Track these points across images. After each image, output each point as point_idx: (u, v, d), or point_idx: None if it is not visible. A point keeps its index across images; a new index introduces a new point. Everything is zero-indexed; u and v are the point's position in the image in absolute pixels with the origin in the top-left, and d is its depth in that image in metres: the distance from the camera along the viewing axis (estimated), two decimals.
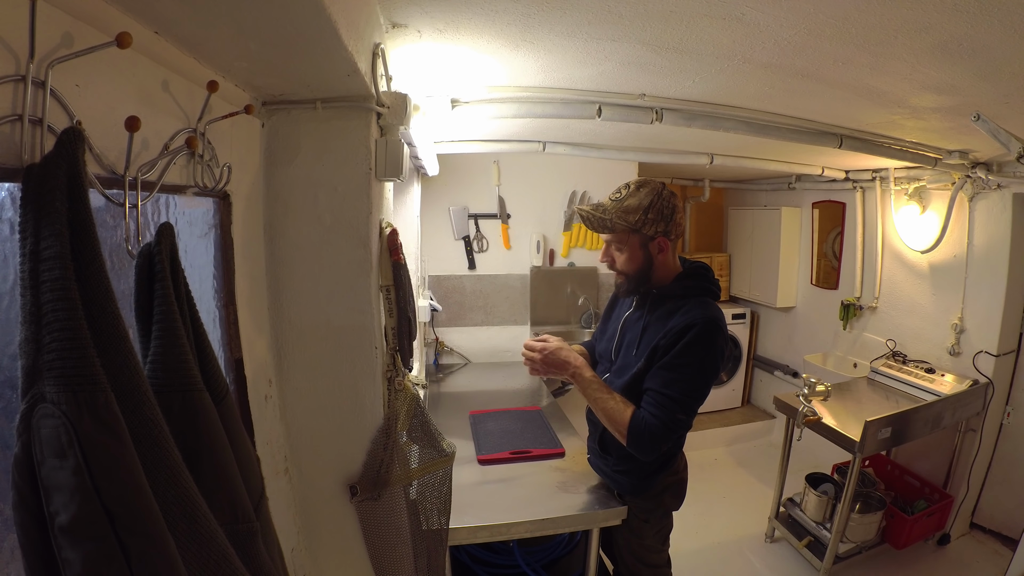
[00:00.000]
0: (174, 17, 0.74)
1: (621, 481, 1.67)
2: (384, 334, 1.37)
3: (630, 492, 1.66)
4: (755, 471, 3.67)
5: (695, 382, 1.42)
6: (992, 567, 2.63)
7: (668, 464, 1.60)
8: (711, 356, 1.42)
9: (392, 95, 1.31)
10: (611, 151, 2.93)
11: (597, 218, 1.51)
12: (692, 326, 1.40)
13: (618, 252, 1.54)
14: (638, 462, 1.58)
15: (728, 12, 1.11)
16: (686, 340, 1.39)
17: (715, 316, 1.44)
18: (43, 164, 0.52)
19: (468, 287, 3.35)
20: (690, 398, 1.41)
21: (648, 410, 1.41)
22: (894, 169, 3.09)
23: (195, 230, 1.03)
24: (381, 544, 1.38)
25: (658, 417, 1.39)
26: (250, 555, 0.74)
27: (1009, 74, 1.37)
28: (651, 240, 1.50)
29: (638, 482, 1.62)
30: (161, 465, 0.59)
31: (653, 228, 1.48)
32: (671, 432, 1.41)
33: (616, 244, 1.54)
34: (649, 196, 1.48)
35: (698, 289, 1.52)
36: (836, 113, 1.96)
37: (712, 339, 1.41)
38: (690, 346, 1.39)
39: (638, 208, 1.47)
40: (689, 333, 1.40)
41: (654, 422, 1.39)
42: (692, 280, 1.54)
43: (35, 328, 0.49)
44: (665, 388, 1.40)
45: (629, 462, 1.61)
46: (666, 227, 1.49)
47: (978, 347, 2.79)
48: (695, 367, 1.41)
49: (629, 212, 1.47)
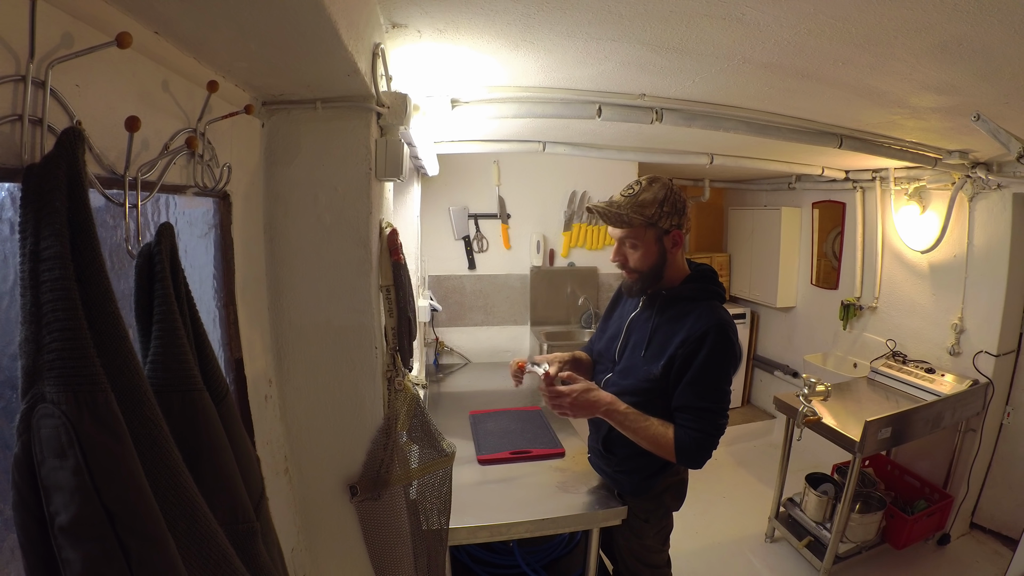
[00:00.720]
0: (174, 17, 0.74)
1: (623, 481, 1.68)
2: (384, 334, 1.37)
3: (631, 492, 1.66)
4: (755, 471, 3.67)
5: (722, 387, 1.46)
6: (992, 567, 2.63)
7: (669, 465, 1.59)
8: (730, 359, 1.45)
9: (392, 95, 1.31)
10: (611, 151, 2.93)
11: (613, 213, 1.50)
12: (708, 333, 1.42)
13: (632, 249, 1.53)
14: (641, 463, 1.59)
15: (728, 12, 1.11)
16: (706, 350, 1.42)
17: (727, 320, 1.46)
18: (43, 164, 0.52)
19: (468, 287, 3.35)
20: (722, 403, 1.45)
21: (691, 426, 1.43)
22: (894, 169, 3.09)
23: (195, 230, 1.03)
24: (381, 544, 1.38)
25: (702, 430, 1.42)
26: (250, 555, 0.74)
27: (1009, 74, 1.37)
28: (666, 233, 1.51)
29: (640, 482, 1.63)
30: (161, 465, 0.59)
31: (668, 221, 1.49)
32: (716, 438, 1.44)
33: (631, 240, 1.52)
34: (662, 190, 1.49)
35: (707, 293, 1.53)
36: (836, 113, 1.96)
37: (730, 343, 1.44)
38: (711, 355, 1.42)
39: (653, 202, 1.48)
40: (707, 341, 1.42)
41: (699, 435, 1.42)
42: (701, 283, 1.55)
43: (35, 328, 0.49)
44: (699, 401, 1.43)
45: (632, 462, 1.61)
46: (679, 220, 1.50)
47: (978, 347, 2.79)
48: (719, 374, 1.44)
49: (645, 206, 1.48)
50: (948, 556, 2.75)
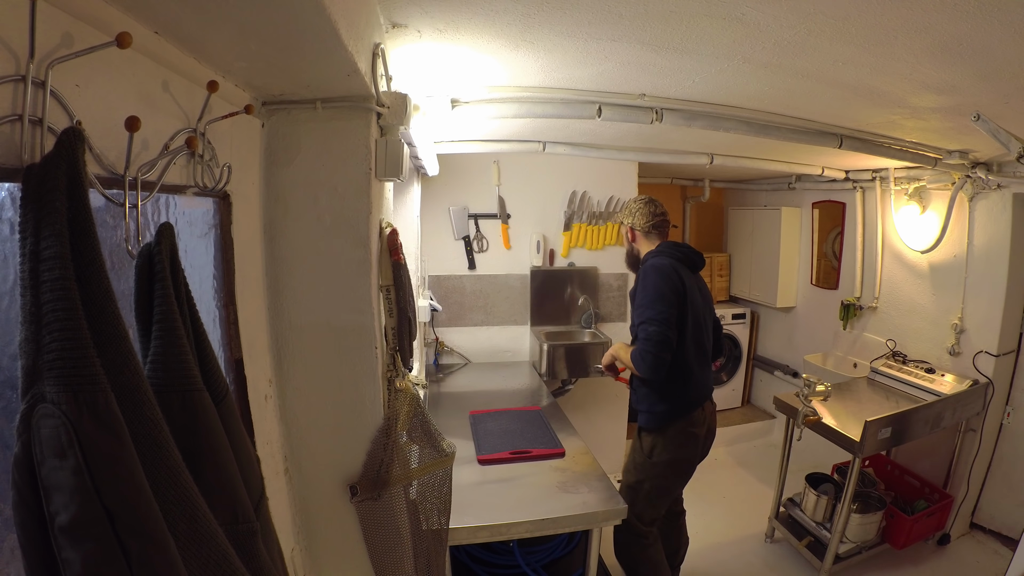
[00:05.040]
0: (174, 17, 0.74)
1: (640, 416, 2.10)
2: (384, 334, 1.37)
3: (642, 425, 2.09)
4: (755, 471, 3.67)
5: (650, 306, 1.91)
6: (992, 567, 2.63)
7: (670, 406, 2.00)
8: (650, 283, 1.95)
9: (392, 95, 1.31)
10: (611, 151, 2.93)
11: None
12: (639, 275, 2.06)
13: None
14: (644, 402, 2.04)
15: (728, 12, 1.11)
16: (638, 284, 2.02)
17: (653, 263, 2.01)
18: (43, 164, 0.52)
19: (468, 287, 3.35)
20: (650, 317, 1.89)
21: (636, 343, 1.94)
22: (894, 169, 3.09)
23: (195, 230, 1.03)
24: (381, 544, 1.38)
25: (641, 341, 1.90)
26: (250, 555, 0.74)
27: (1009, 74, 1.37)
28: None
29: (647, 418, 2.05)
30: (161, 465, 0.59)
31: (630, 222, 2.24)
32: (651, 342, 1.86)
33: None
34: (632, 203, 2.26)
35: (655, 256, 2.08)
36: (836, 113, 1.96)
37: (649, 275, 1.97)
38: (639, 285, 2.01)
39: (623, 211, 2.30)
40: (638, 279, 2.06)
41: (640, 345, 1.90)
42: (652, 252, 2.12)
43: (35, 328, 0.49)
44: (636, 319, 1.98)
45: (639, 400, 2.07)
46: (632, 220, 2.19)
47: (978, 347, 2.79)
48: (644, 297, 1.95)
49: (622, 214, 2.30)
50: (948, 556, 2.75)
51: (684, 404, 2.01)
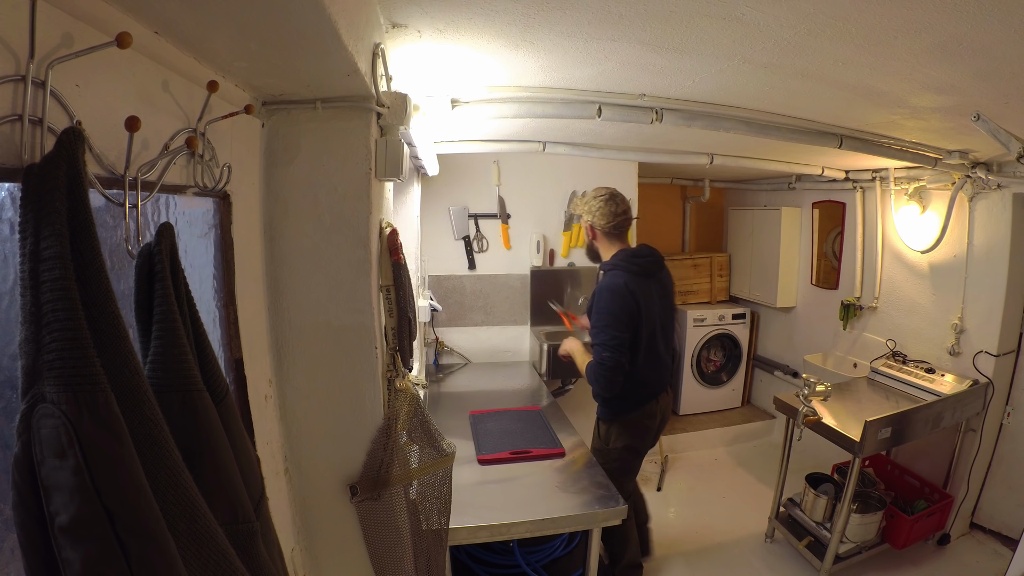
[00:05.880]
0: (174, 17, 0.74)
1: (598, 407, 2.28)
2: (384, 334, 1.37)
3: (599, 415, 2.29)
4: (755, 471, 3.67)
5: (604, 330, 2.03)
6: (992, 567, 2.63)
7: (624, 403, 2.17)
8: (604, 308, 2.04)
9: (392, 95, 1.31)
10: (611, 151, 2.93)
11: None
12: (595, 293, 2.13)
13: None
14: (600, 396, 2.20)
15: (728, 12, 1.11)
16: (594, 305, 2.11)
17: (607, 283, 2.08)
18: (43, 164, 0.52)
19: (468, 287, 3.35)
20: (604, 341, 2.02)
21: (591, 360, 2.09)
22: (894, 169, 3.08)
23: (195, 230, 1.03)
24: (381, 544, 1.38)
25: (595, 362, 2.05)
26: (250, 555, 0.74)
27: (1009, 74, 1.37)
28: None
29: (603, 410, 2.25)
30: (161, 465, 0.59)
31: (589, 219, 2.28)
32: (603, 367, 2.01)
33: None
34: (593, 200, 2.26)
35: (613, 266, 2.14)
36: (836, 113, 1.96)
37: (603, 298, 2.06)
38: (595, 307, 2.10)
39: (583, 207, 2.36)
40: (593, 298, 2.13)
41: (593, 365, 2.06)
42: (612, 261, 2.16)
43: (35, 328, 0.49)
44: (593, 340, 2.10)
45: (596, 394, 2.21)
46: (592, 219, 2.21)
47: (978, 347, 2.78)
48: (598, 320, 2.05)
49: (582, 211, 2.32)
50: (948, 556, 2.75)
51: (636, 400, 2.19)
